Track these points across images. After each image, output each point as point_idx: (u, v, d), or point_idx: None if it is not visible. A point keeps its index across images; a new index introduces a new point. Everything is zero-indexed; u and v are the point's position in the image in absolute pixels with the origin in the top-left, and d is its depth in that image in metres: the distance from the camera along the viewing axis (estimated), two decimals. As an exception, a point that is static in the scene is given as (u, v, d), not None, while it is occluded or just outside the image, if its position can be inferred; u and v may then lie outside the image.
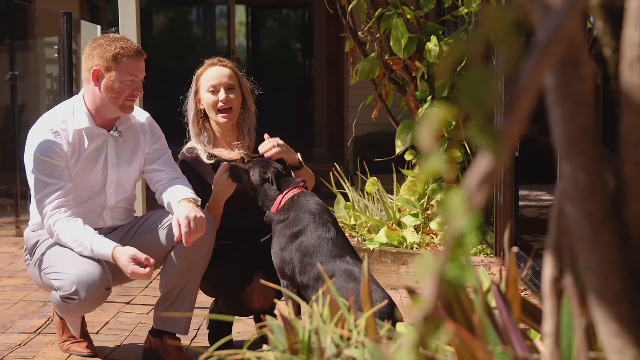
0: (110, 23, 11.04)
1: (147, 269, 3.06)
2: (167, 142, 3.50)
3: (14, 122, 6.49)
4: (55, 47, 6.16)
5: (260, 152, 3.35)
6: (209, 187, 3.42)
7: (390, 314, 2.77)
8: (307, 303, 2.72)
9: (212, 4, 13.92)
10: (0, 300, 4.31)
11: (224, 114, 3.42)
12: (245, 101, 3.49)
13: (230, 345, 3.58)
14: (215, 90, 3.42)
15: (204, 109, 3.47)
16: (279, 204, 3.21)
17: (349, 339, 1.85)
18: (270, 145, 3.35)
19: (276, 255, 3.15)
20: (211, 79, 3.43)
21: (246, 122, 3.50)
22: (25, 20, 7.53)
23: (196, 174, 3.46)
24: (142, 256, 3.07)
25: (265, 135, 3.40)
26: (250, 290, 3.37)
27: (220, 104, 3.41)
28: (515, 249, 1.51)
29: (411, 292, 1.65)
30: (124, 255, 3.08)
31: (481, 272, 2.46)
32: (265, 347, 2.16)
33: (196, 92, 3.48)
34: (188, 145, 3.54)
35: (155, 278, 4.62)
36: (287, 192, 3.22)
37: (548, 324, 1.12)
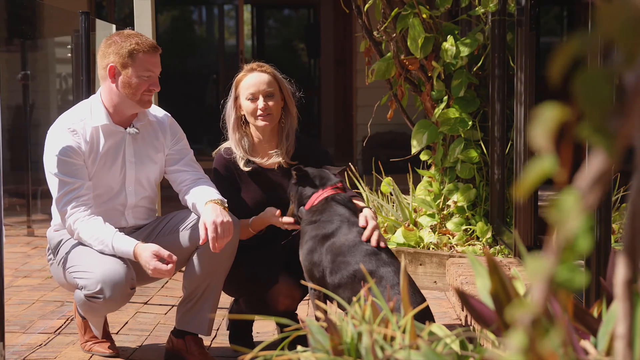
0: (117, 22, 11.02)
1: (170, 266, 3.05)
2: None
3: (26, 122, 6.48)
4: (69, 46, 6.13)
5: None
6: (241, 190, 3.41)
7: (429, 315, 2.76)
8: (338, 304, 2.71)
9: (219, 3, 13.90)
10: (18, 300, 4.30)
11: (263, 118, 3.39)
12: (287, 105, 3.44)
13: (253, 345, 3.57)
14: (254, 98, 3.37)
15: (244, 115, 3.44)
16: (313, 202, 3.18)
17: (392, 339, 1.84)
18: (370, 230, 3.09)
19: (304, 258, 3.11)
20: (250, 86, 3.38)
21: (286, 126, 3.45)
22: (35, 19, 7.51)
23: (230, 176, 3.43)
24: (165, 253, 3.06)
25: (361, 222, 3.11)
26: (277, 291, 3.36)
27: (259, 111, 3.37)
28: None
29: (460, 293, 1.64)
30: (146, 251, 3.07)
31: (514, 272, 2.44)
32: (299, 347, 2.15)
33: (236, 98, 3.43)
34: (226, 145, 3.49)
35: (171, 278, 4.62)
36: (322, 192, 3.18)
37: (621, 327, 1.10)
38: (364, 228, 3.06)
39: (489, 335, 2.10)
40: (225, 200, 3.22)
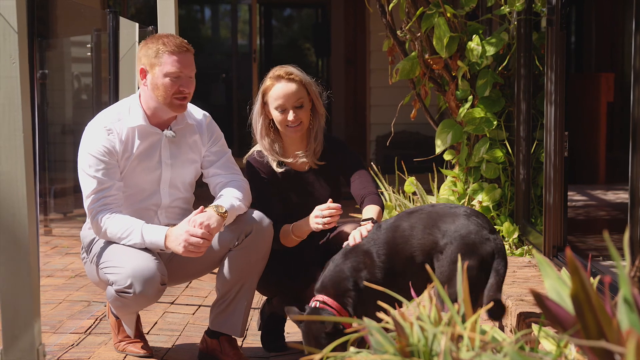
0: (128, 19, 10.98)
1: (201, 233, 3.05)
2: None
3: (43, 121, 6.45)
4: (88, 45, 6.10)
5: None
6: (276, 191, 3.42)
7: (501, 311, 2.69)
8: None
9: (232, 2, 13.88)
10: (44, 300, 4.27)
11: (294, 129, 3.36)
12: (315, 107, 3.42)
13: (285, 346, 3.56)
14: (284, 110, 3.33)
15: (272, 120, 3.40)
16: None
17: (458, 341, 1.82)
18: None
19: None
20: (278, 97, 3.34)
21: (315, 127, 3.43)
22: (52, 17, 7.49)
23: (265, 179, 3.42)
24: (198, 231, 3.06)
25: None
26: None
27: (290, 123, 3.34)
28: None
29: (536, 294, 1.63)
30: (180, 230, 3.08)
31: (563, 274, 2.42)
32: (352, 349, 2.13)
33: (264, 104, 3.39)
34: (257, 148, 3.46)
35: (196, 278, 4.60)
36: None
37: None
38: None
39: (550, 336, 2.08)
40: (226, 207, 3.17)
